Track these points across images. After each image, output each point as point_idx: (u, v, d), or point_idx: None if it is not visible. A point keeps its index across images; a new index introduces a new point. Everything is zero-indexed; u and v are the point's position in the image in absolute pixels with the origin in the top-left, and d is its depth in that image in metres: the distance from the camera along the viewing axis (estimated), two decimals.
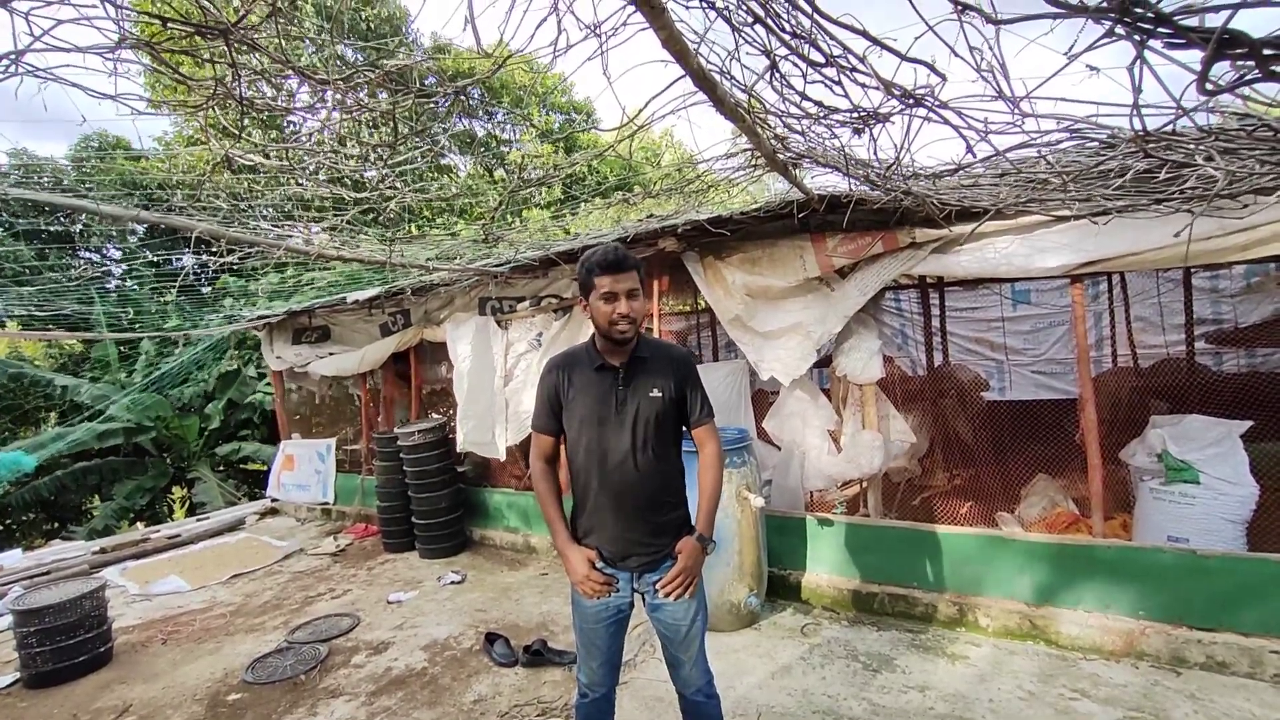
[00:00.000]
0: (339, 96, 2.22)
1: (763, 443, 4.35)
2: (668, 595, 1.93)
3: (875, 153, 1.76)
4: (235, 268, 13.15)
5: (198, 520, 7.68)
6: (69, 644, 3.70)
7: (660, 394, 1.97)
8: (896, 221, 3.57)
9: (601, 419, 1.95)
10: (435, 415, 6.81)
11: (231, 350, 10.84)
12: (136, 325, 11.14)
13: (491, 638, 3.61)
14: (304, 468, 7.42)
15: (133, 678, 3.69)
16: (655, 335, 4.74)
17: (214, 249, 3.12)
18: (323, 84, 1.79)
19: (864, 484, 3.91)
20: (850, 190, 3.35)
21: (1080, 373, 3.37)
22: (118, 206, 3.21)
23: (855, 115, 1.48)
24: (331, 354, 6.92)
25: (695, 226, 3.95)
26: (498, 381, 5.21)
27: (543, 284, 5.23)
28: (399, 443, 5.46)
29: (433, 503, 5.36)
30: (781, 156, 2.35)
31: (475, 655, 3.60)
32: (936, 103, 1.30)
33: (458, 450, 5.36)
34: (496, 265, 4.61)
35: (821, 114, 1.54)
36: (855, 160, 2.16)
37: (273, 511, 7.61)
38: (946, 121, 1.36)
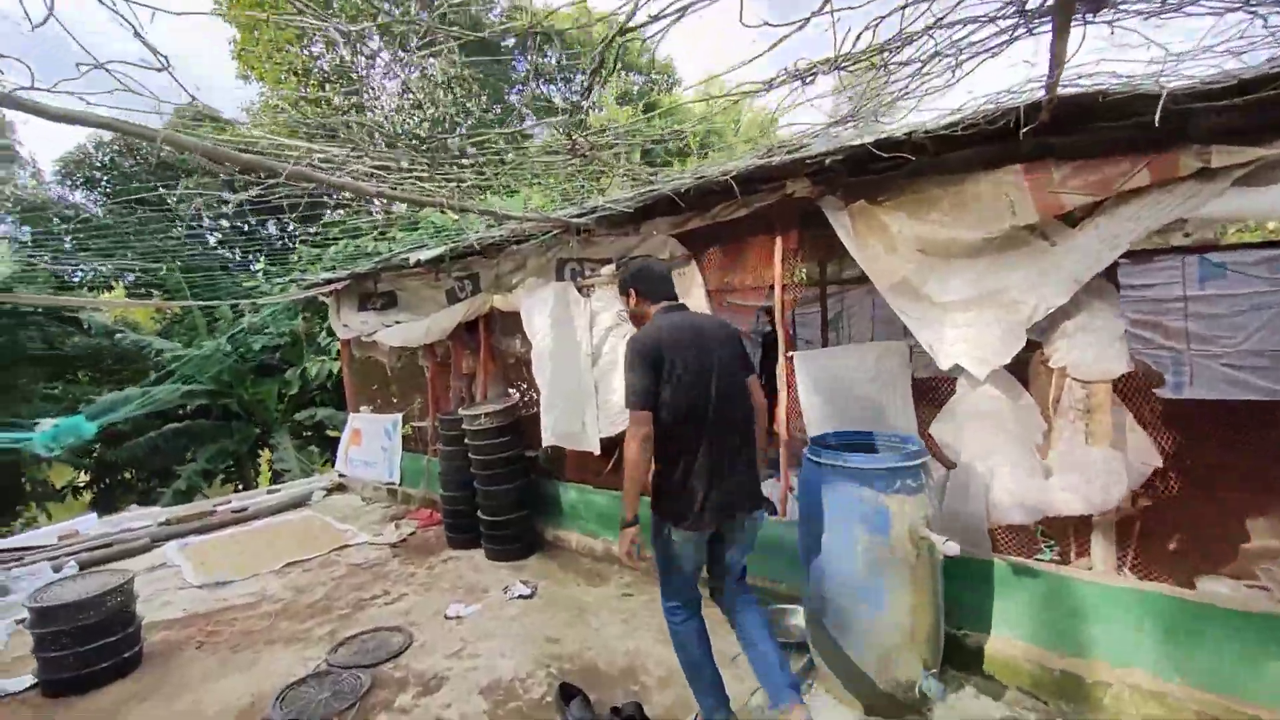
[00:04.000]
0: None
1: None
2: None
3: None
4: (309, 238, 13.10)
5: (268, 492, 7.43)
6: (89, 649, 3.20)
7: None
8: (1175, 139, 2.36)
9: None
10: (510, 390, 6.11)
11: (301, 316, 10.66)
12: (214, 290, 11.19)
13: (567, 693, 2.79)
14: (370, 444, 6.96)
15: (155, 693, 3.16)
16: (778, 310, 3.71)
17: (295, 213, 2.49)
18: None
19: (1091, 520, 2.77)
20: (1105, 87, 2.20)
21: None
22: (187, 136, 2.55)
23: None
24: (398, 322, 6.34)
25: (848, 156, 2.88)
26: (584, 360, 4.36)
27: (634, 242, 4.30)
28: (463, 426, 4.75)
29: (499, 498, 4.63)
30: None
31: (545, 710, 2.81)
32: None
33: (542, 445, 4.58)
34: (578, 215, 3.71)
35: None
36: None
37: (340, 487, 7.23)
38: None
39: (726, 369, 2.35)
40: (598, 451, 4.40)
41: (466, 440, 4.76)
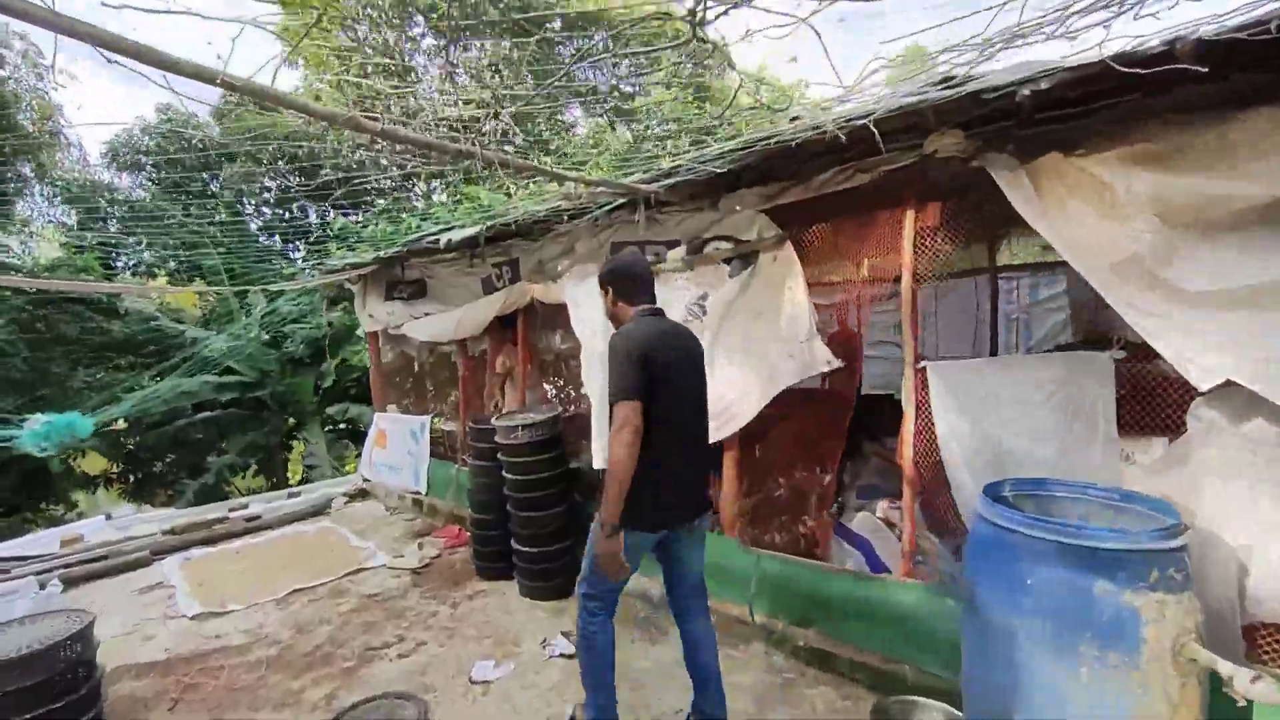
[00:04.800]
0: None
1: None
2: None
3: None
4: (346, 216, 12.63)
5: (289, 494, 6.89)
6: (30, 718, 2.56)
7: None
8: None
9: None
10: (548, 388, 5.36)
11: (322, 311, 10.22)
12: (251, 277, 10.80)
13: None
14: (396, 447, 6.31)
15: None
16: (905, 305, 2.86)
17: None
18: None
19: None
20: None
21: None
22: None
23: None
24: (427, 314, 5.67)
25: (1048, 88, 1.99)
26: None
27: (708, 220, 3.47)
28: (497, 438, 4.00)
29: (537, 525, 3.87)
30: None
31: None
32: None
33: (593, 466, 3.78)
34: (648, 180, 2.90)
35: None
36: None
37: (363, 493, 6.62)
38: None
39: (698, 378, 2.39)
40: None
41: (500, 455, 4.01)
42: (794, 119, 2.42)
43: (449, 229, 4.59)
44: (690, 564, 2.45)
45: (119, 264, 13.75)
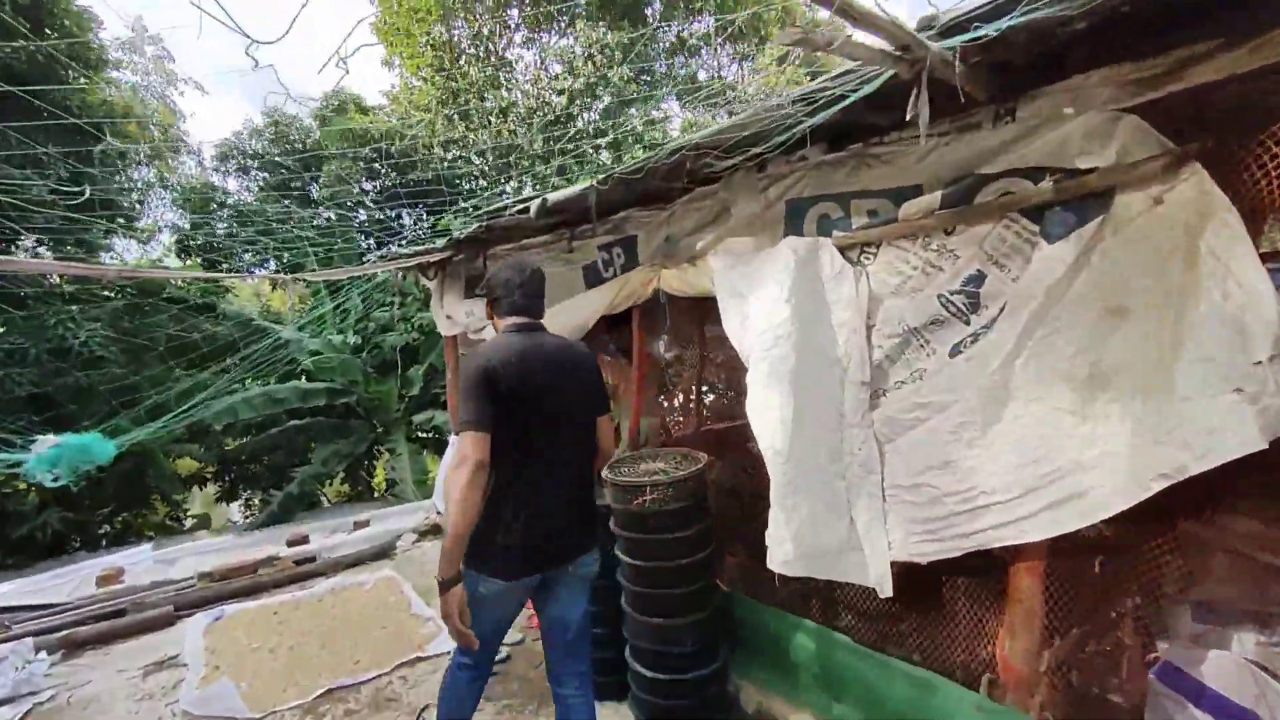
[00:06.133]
0: None
1: None
2: None
3: None
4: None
5: (355, 526, 5.93)
6: None
7: None
8: None
9: None
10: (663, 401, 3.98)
11: (395, 314, 9.49)
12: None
13: None
14: None
15: None
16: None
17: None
18: None
19: None
20: None
21: None
22: None
23: None
24: None
25: None
26: (853, 394, 2.08)
27: (989, 142, 1.95)
28: (610, 503, 2.64)
29: (667, 636, 2.48)
30: None
31: None
32: None
33: (771, 566, 2.30)
34: (934, 34, 1.44)
35: None
36: None
37: (435, 529, 5.54)
38: None
39: (571, 404, 2.01)
40: (886, 591, 2.08)
41: (612, 523, 2.66)
42: None
43: (538, 197, 3.32)
44: (568, 616, 2.06)
45: (223, 266, 13.97)
